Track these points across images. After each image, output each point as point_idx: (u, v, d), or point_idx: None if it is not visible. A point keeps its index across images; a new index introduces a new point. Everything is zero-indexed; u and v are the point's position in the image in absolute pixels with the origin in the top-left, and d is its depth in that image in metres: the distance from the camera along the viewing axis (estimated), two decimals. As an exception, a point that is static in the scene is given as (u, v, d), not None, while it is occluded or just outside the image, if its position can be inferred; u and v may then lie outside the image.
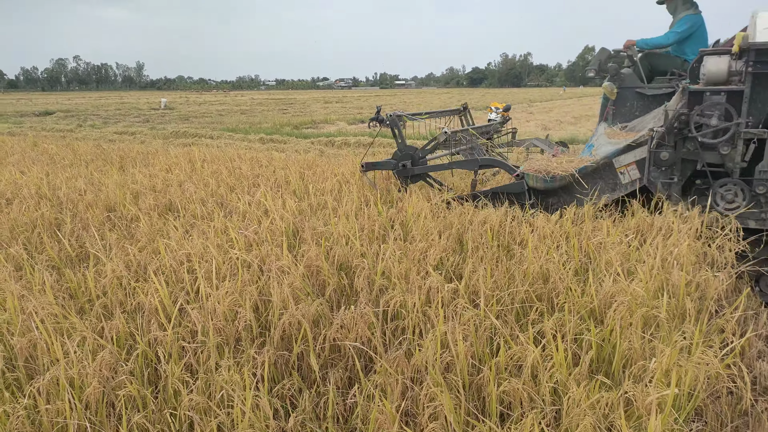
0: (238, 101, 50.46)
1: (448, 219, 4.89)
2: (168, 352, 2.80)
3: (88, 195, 5.98)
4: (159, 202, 5.81)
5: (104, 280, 3.61)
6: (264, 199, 5.74)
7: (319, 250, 4.02)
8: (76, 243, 4.61)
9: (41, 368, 2.73)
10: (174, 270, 3.84)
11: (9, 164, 8.70)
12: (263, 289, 3.55)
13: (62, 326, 2.99)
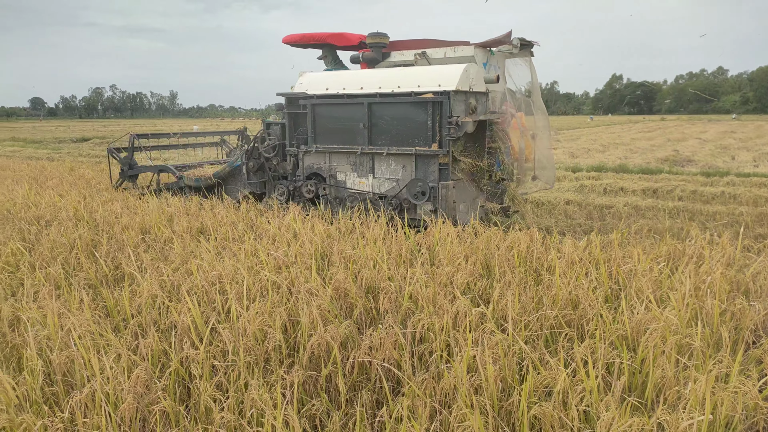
0: (267, 128, 51.44)
1: (474, 244, 4.89)
2: (200, 371, 2.85)
3: (124, 217, 6.18)
4: (192, 225, 5.96)
5: (139, 300, 3.71)
6: (293, 222, 5.85)
7: (347, 273, 4.06)
8: (112, 263, 4.75)
9: (78, 383, 2.80)
10: (206, 290, 3.92)
11: (48, 188, 9.03)
12: (292, 310, 3.60)
13: (98, 343, 3.08)
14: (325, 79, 7.16)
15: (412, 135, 6.38)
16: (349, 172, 7.02)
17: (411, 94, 6.27)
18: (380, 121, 6.60)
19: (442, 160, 6.21)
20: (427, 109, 6.18)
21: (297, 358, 3.12)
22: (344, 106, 6.83)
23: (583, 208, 8.79)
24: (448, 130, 6.06)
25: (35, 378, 2.72)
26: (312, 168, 7.26)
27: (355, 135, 6.78)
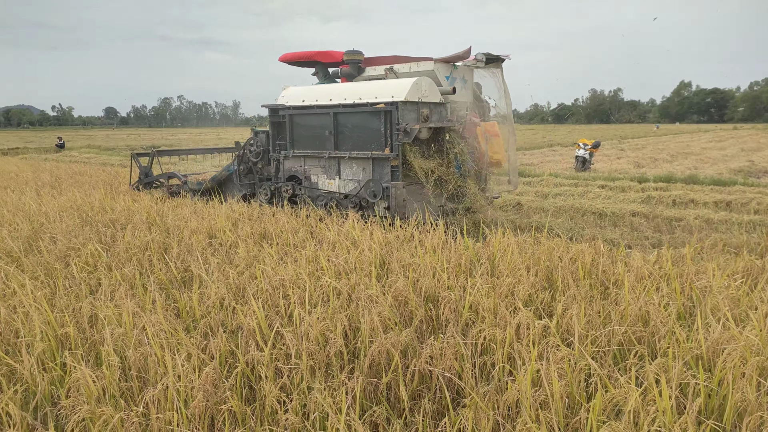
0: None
1: (536, 255, 4.79)
2: (265, 372, 2.93)
3: (192, 222, 6.44)
4: (255, 230, 6.14)
5: (208, 301, 3.85)
6: (352, 229, 5.92)
7: (407, 281, 4.07)
8: (182, 266, 4.96)
9: (152, 379, 2.94)
10: (270, 294, 4.03)
11: (122, 193, 9.55)
12: (352, 316, 3.64)
13: (171, 342, 3.22)
14: (301, 92, 8.08)
15: (369, 141, 7.18)
16: (320, 175, 7.93)
17: (367, 104, 7.07)
18: (344, 129, 7.48)
19: (393, 162, 6.94)
20: (380, 118, 6.97)
21: (357, 364, 3.14)
22: (315, 116, 7.76)
23: (651, 220, 8.44)
24: (397, 135, 6.83)
25: (113, 373, 2.87)
26: (290, 171, 8.25)
27: (324, 141, 7.66)
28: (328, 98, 7.60)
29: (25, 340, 3.25)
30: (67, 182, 11.59)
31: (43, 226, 6.31)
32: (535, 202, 10.25)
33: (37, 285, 4.22)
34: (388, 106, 6.85)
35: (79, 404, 2.63)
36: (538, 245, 5.12)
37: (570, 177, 13.92)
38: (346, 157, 7.41)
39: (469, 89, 8.12)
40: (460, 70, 7.91)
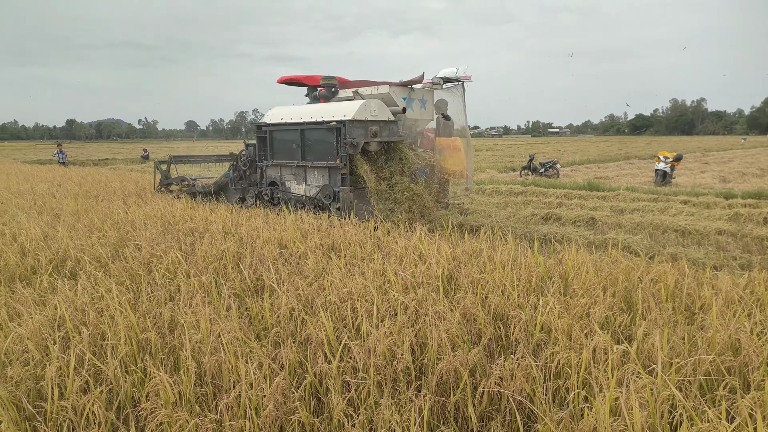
0: (392, 149, 52.76)
1: (613, 274, 4.57)
2: (333, 385, 2.94)
3: (264, 232, 6.64)
4: (323, 242, 6.25)
5: (278, 311, 3.94)
6: (420, 243, 5.89)
7: (475, 298, 3.99)
8: (254, 275, 5.11)
9: (225, 386, 3.03)
10: (337, 306, 4.07)
11: (200, 203, 10.02)
12: (419, 332, 3.60)
13: (243, 350, 3.31)
14: (280, 112, 9.52)
15: (326, 153, 8.44)
16: (292, 181, 9.32)
17: (324, 122, 8.33)
18: (308, 143, 8.79)
19: (342, 171, 8.17)
20: (333, 134, 8.17)
21: (425, 381, 3.10)
22: (288, 132, 9.13)
23: (739, 239, 7.87)
24: (345, 148, 8.01)
25: (189, 378, 2.98)
26: (271, 177, 9.67)
27: (294, 153, 9.01)
28: (299, 117, 8.96)
29: (110, 343, 3.45)
30: (151, 191, 12.31)
31: (128, 233, 6.71)
32: (610, 218, 9.82)
33: (122, 290, 4.48)
34: (339, 124, 8.06)
35: (157, 408, 2.74)
36: (615, 264, 4.89)
37: (649, 191, 13.25)
38: (310, 166, 8.81)
39: (429, 109, 9.27)
40: (418, 92, 9.03)
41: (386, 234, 6.70)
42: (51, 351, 3.30)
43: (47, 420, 2.81)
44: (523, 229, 9.12)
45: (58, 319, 3.90)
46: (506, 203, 12.76)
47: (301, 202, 8.98)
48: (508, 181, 17.63)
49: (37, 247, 5.93)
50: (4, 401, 2.84)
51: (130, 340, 3.49)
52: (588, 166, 25.09)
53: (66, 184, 13.71)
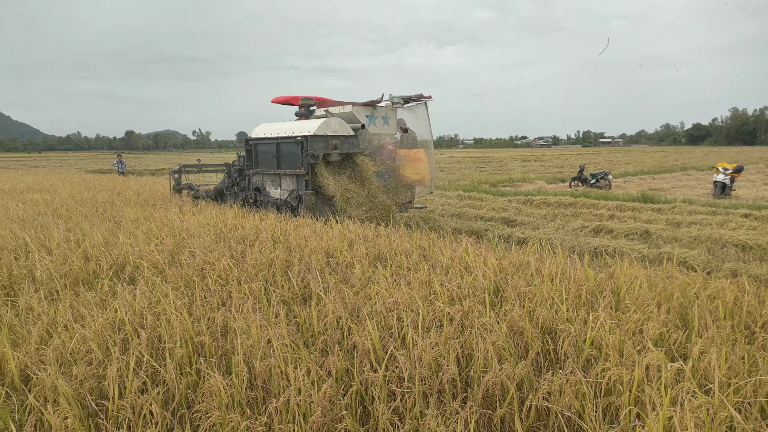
0: (438, 159, 52.78)
1: (668, 290, 4.42)
2: (379, 394, 2.97)
3: (312, 241, 6.77)
4: (370, 251, 6.31)
5: (326, 319, 4.01)
6: (465, 254, 5.87)
7: (523, 311, 3.94)
8: (302, 283, 5.22)
9: (274, 391, 3.11)
10: (383, 316, 4.10)
11: (250, 212, 10.31)
12: (465, 344, 3.59)
13: (292, 356, 3.39)
14: (263, 128, 11.07)
15: (294, 162, 9.92)
16: (271, 186, 10.79)
17: (292, 137, 9.87)
18: (282, 154, 10.31)
19: (306, 177, 9.61)
20: (299, 146, 9.66)
21: (470, 393, 3.09)
22: (267, 145, 10.72)
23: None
24: (307, 159, 9.48)
25: (241, 382, 3.08)
26: (255, 184, 11.23)
27: (272, 163, 10.56)
28: (276, 132, 10.50)
29: (167, 346, 3.60)
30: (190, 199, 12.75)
31: (184, 240, 6.97)
32: (665, 231, 9.48)
33: (177, 295, 4.67)
34: (302, 139, 9.52)
35: (211, 409, 2.85)
36: (670, 279, 4.73)
37: (707, 204, 12.72)
38: (283, 174, 10.28)
39: (392, 125, 10.67)
40: (381, 110, 10.45)
41: (431, 245, 6.71)
42: (111, 352, 3.47)
43: (108, 418, 2.96)
44: (572, 242, 8.93)
45: (118, 321, 4.10)
46: (555, 215, 12.51)
47: (277, 205, 10.43)
48: (556, 192, 17.29)
49: (99, 252, 6.24)
50: (70, 398, 3.01)
51: (186, 343, 3.63)
52: (642, 178, 24.30)
53: (125, 193, 14.37)
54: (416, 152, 10.47)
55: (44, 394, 3.08)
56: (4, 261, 5.94)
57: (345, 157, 9.94)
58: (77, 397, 3.09)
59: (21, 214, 9.85)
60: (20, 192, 15.33)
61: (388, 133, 10.56)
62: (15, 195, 14.32)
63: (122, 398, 3.05)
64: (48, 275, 5.37)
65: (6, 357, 3.40)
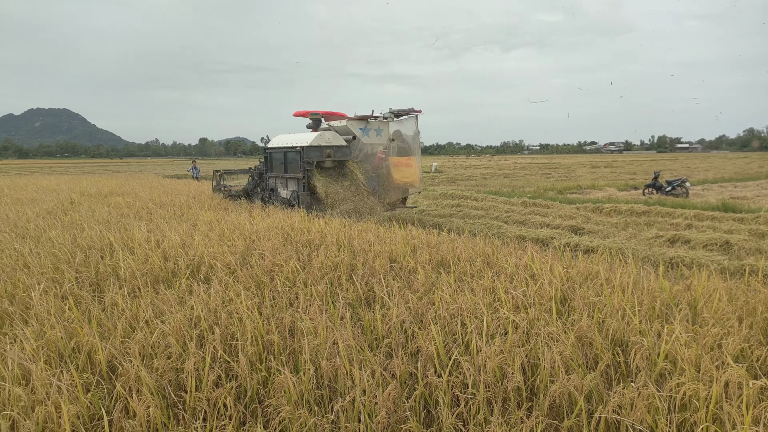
0: (501, 165, 51.97)
1: (750, 304, 4.17)
2: (443, 399, 2.99)
3: (375, 246, 6.87)
4: (433, 257, 6.32)
5: (390, 323, 4.07)
6: (531, 262, 5.77)
7: (592, 321, 3.84)
8: (366, 286, 5.31)
9: (340, 390, 3.19)
10: (447, 321, 4.11)
11: (315, 216, 10.57)
12: (531, 352, 3.54)
13: (357, 357, 3.46)
14: (277, 139, 13.19)
15: (295, 168, 11.81)
16: (280, 187, 12.86)
17: (294, 147, 11.77)
18: (288, 161, 12.16)
19: (303, 181, 11.51)
20: (298, 155, 11.57)
21: (536, 402, 3.05)
22: (278, 153, 12.69)
23: None
24: (303, 165, 11.42)
25: (309, 380, 3.18)
26: (270, 185, 13.36)
27: (281, 168, 12.49)
28: (285, 143, 12.48)
29: (239, 343, 3.77)
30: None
31: (254, 243, 7.25)
32: (748, 242, 8.91)
33: (248, 295, 4.87)
34: (301, 149, 11.44)
35: (281, 405, 2.96)
36: (753, 293, 4.45)
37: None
38: (288, 177, 12.20)
39: (384, 136, 12.31)
40: (374, 124, 12.17)
41: (495, 252, 6.64)
42: (189, 347, 3.68)
43: (186, 409, 3.14)
44: (645, 252, 8.56)
45: (194, 318, 4.33)
46: (626, 223, 12.03)
47: (285, 202, 12.38)
48: (629, 200, 16.61)
49: (177, 253, 6.61)
50: (152, 389, 3.21)
51: (256, 340, 3.79)
52: (723, 185, 22.91)
53: (200, 197, 15.09)
54: (407, 159, 12.33)
55: (129, 384, 3.30)
56: (91, 259, 6.40)
57: (338, 163, 11.90)
58: (158, 388, 3.30)
59: (106, 216, 10.56)
60: (105, 195, 16.43)
61: (380, 143, 12.31)
62: (100, 198, 15.37)
63: (199, 391, 3.23)
64: (131, 273, 5.74)
65: (95, 348, 3.67)
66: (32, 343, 3.68)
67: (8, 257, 6.58)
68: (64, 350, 3.73)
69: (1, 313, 4.55)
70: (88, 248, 7.04)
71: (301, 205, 11.39)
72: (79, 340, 3.84)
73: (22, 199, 15.15)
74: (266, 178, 13.48)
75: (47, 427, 2.84)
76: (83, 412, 3.00)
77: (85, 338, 3.77)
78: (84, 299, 4.91)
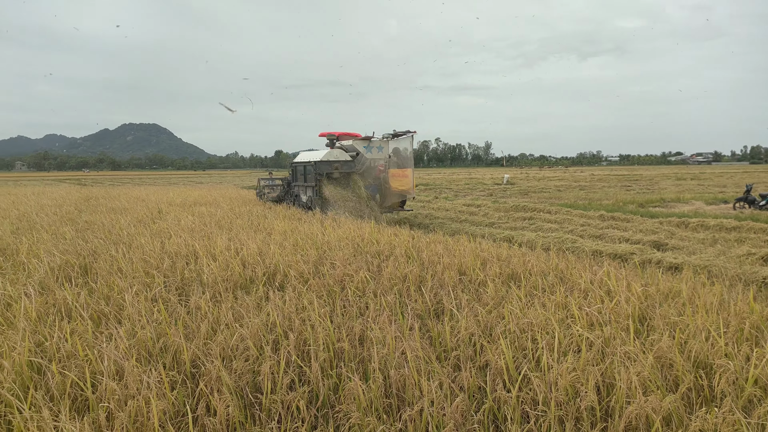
0: (577, 177, 50.21)
1: None
2: (512, 414, 2.96)
3: (444, 258, 6.87)
4: (503, 271, 6.25)
5: (458, 335, 4.07)
6: (607, 278, 5.57)
7: (672, 342, 3.66)
8: (435, 298, 5.33)
9: (408, 400, 3.23)
10: (517, 336, 4.06)
11: (384, 227, 10.70)
12: (606, 371, 3.43)
13: (425, 368, 3.49)
14: (301, 155, 16.79)
15: (311, 178, 14.79)
16: (301, 193, 15.97)
17: (310, 162, 15.02)
18: (306, 172, 15.38)
19: (316, 188, 14.49)
20: (313, 168, 14.69)
21: (611, 423, 2.95)
22: (300, 166, 16.05)
23: None
24: (316, 176, 14.52)
25: (378, 388, 3.25)
26: (295, 192, 16.67)
27: (301, 178, 15.86)
28: (304, 159, 15.90)
29: (311, 349, 3.91)
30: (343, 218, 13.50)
31: (325, 253, 7.46)
32: None
33: (320, 303, 5.03)
34: (314, 163, 14.70)
35: (351, 411, 3.04)
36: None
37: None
38: (306, 185, 15.48)
39: (385, 152, 15.45)
40: (376, 142, 15.36)
41: (569, 267, 6.45)
42: (265, 351, 3.85)
43: (262, 409, 3.29)
44: (735, 270, 8.01)
45: (270, 324, 4.52)
46: (714, 239, 11.30)
47: (304, 205, 15.28)
48: (717, 214, 15.58)
49: (254, 261, 6.92)
50: (231, 389, 3.40)
51: (328, 347, 3.91)
52: (826, 199, 20.93)
53: (276, 208, 15.69)
54: (403, 171, 15.65)
55: (210, 384, 3.51)
56: (178, 265, 6.83)
57: (344, 174, 14.96)
58: (236, 389, 3.48)
59: (190, 224, 11.22)
60: (189, 205, 17.44)
61: (381, 158, 15.46)
62: (186, 208, 16.32)
63: (274, 393, 3.38)
64: (213, 279, 6.08)
65: (181, 348, 3.93)
66: (125, 342, 3.99)
67: (104, 261, 7.15)
68: (153, 349, 4.02)
69: (99, 314, 4.96)
70: (174, 255, 7.51)
71: (314, 206, 14.37)
72: (167, 340, 4.12)
73: (115, 208, 16.36)
74: (293, 186, 17.09)
75: (138, 420, 3.07)
76: (169, 408, 3.22)
77: (172, 339, 4.05)
78: (171, 302, 5.25)
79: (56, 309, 4.96)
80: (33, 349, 3.87)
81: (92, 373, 3.55)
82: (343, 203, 14.16)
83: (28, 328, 4.32)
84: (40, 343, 4.09)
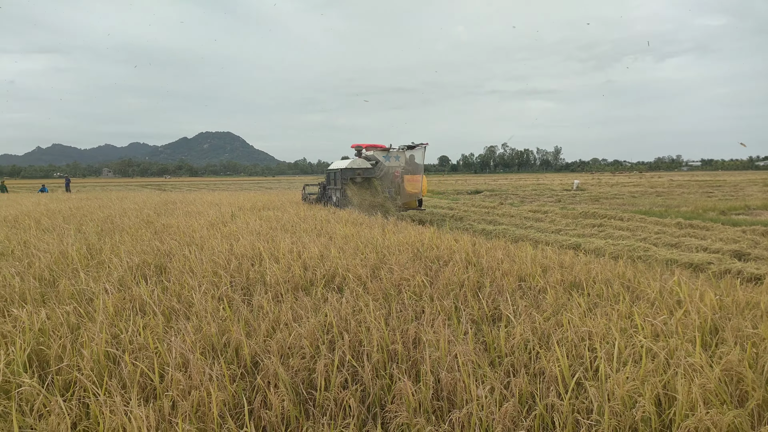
0: (654, 183, 47.78)
1: None
2: (563, 422, 2.90)
3: (504, 264, 6.78)
4: (565, 278, 6.08)
5: (513, 341, 4.02)
6: (678, 288, 5.31)
7: (744, 355, 3.45)
8: (492, 304, 5.28)
9: (458, 403, 3.23)
10: (575, 344, 3.96)
11: (445, 232, 10.66)
12: (668, 383, 3.28)
13: (477, 373, 3.48)
14: (334, 164, 19.04)
15: (338, 183, 17.82)
16: (333, 195, 18.29)
17: (337, 169, 17.99)
18: (336, 178, 18.10)
19: (342, 191, 17.53)
20: (339, 174, 17.77)
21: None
22: (331, 173, 18.50)
23: None
24: (342, 181, 17.62)
25: (428, 390, 3.27)
26: (329, 194, 18.74)
27: (332, 182, 18.42)
28: (334, 167, 18.39)
29: (365, 350, 3.98)
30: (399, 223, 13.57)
31: (384, 257, 7.55)
32: None
33: (377, 306, 5.10)
34: (341, 170, 17.58)
35: (400, 411, 3.09)
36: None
37: None
38: (335, 189, 17.97)
39: (402, 161, 18.48)
40: (394, 152, 18.48)
41: (637, 275, 6.19)
42: (321, 350, 3.97)
43: (315, 406, 3.40)
44: (825, 282, 7.38)
45: (327, 324, 4.65)
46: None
47: (335, 204, 17.60)
48: (808, 222, 14.38)
49: (315, 263, 7.11)
50: (287, 384, 3.53)
51: (381, 349, 3.98)
52: None
53: (339, 213, 16.01)
54: (416, 176, 18.63)
55: (267, 379, 3.66)
56: (243, 266, 7.13)
57: (366, 180, 17.97)
58: (292, 385, 3.61)
59: (257, 228, 11.66)
60: (258, 209, 18.12)
61: (397, 165, 18.46)
62: (254, 212, 16.97)
63: (327, 390, 3.48)
64: (275, 280, 6.31)
65: (242, 344, 4.12)
66: (191, 336, 4.23)
67: (177, 261, 7.59)
68: (216, 344, 4.24)
69: (170, 310, 5.28)
70: (241, 256, 7.85)
71: (340, 205, 17.28)
72: (230, 336, 4.33)
73: (190, 212, 17.27)
74: (327, 189, 19.51)
75: (199, 410, 3.25)
76: (229, 400, 3.39)
77: (235, 335, 4.25)
78: (235, 301, 5.50)
79: (132, 304, 5.33)
80: (109, 341, 4.18)
81: (160, 365, 3.79)
82: (362, 202, 17.38)
83: (106, 321, 4.67)
84: (116, 335, 4.41)
